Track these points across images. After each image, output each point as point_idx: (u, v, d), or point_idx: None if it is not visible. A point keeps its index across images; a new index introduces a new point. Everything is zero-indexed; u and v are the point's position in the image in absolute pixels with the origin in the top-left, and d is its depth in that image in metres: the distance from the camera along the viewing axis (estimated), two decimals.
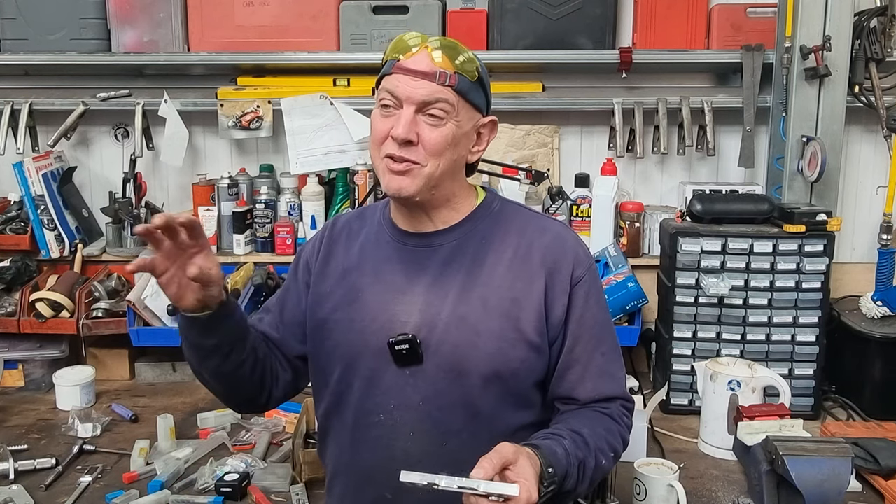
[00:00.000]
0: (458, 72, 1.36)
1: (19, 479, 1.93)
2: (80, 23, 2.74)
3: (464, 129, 1.39)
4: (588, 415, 1.43)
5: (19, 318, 2.54)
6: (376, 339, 1.42)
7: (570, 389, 1.44)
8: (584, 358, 1.43)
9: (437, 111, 1.35)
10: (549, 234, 1.46)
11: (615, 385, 1.47)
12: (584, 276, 1.44)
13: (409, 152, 1.36)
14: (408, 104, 1.35)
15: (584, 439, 1.35)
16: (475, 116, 1.42)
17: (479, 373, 1.39)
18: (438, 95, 1.34)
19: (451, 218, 1.46)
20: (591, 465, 1.34)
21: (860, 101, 2.54)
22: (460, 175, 1.46)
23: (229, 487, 1.84)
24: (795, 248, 2.25)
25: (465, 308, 1.40)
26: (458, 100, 1.36)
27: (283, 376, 1.56)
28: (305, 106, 2.67)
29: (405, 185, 1.38)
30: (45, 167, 2.70)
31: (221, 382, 1.49)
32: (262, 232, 2.72)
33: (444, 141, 1.36)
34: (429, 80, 1.34)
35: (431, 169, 1.37)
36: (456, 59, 1.36)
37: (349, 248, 1.52)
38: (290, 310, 1.57)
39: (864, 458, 1.89)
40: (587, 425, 1.39)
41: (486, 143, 1.47)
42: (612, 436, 1.42)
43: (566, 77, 2.79)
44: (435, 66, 1.35)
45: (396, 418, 1.42)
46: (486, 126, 1.45)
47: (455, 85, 1.35)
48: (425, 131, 1.36)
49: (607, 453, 1.39)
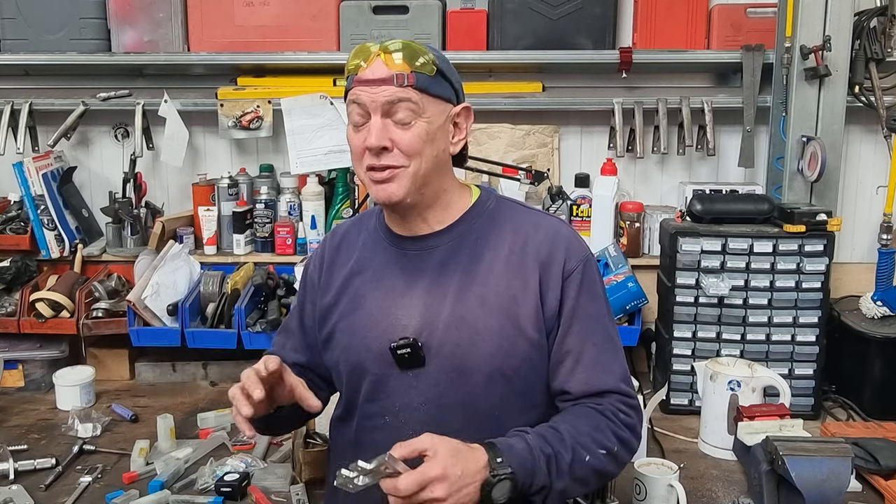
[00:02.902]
0: (414, 70, 1.36)
1: (19, 479, 1.93)
2: (80, 23, 2.75)
3: (436, 123, 1.39)
4: (576, 411, 1.41)
5: (19, 318, 2.54)
6: (379, 344, 1.42)
7: (563, 383, 1.42)
8: (575, 350, 1.42)
9: (403, 114, 1.35)
10: (543, 230, 1.45)
11: (609, 378, 1.42)
12: (577, 268, 1.43)
13: (387, 158, 1.36)
14: (374, 112, 1.36)
15: (557, 433, 1.34)
16: (446, 108, 1.41)
17: (481, 371, 1.39)
18: (400, 95, 1.35)
19: (445, 218, 1.46)
20: (566, 459, 1.31)
21: (860, 101, 2.54)
22: (447, 170, 1.46)
23: (229, 487, 1.84)
24: (795, 248, 2.25)
25: (463, 308, 1.40)
26: (421, 97, 1.36)
27: (321, 395, 1.58)
28: (305, 106, 2.67)
29: (392, 190, 1.38)
30: (45, 167, 2.70)
31: (274, 432, 1.69)
32: (262, 232, 2.72)
33: (419, 139, 1.36)
34: (387, 84, 1.34)
35: (414, 168, 1.37)
36: (411, 59, 1.36)
37: (349, 256, 1.53)
38: (309, 328, 1.59)
39: (864, 458, 1.89)
40: (568, 421, 1.38)
41: (465, 132, 1.46)
42: (601, 433, 1.38)
43: (566, 77, 2.79)
44: (390, 70, 1.35)
45: (401, 420, 1.42)
46: (461, 114, 1.44)
47: (414, 83, 1.35)
48: (397, 135, 1.36)
49: (593, 450, 1.35)
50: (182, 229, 2.74)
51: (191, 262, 2.65)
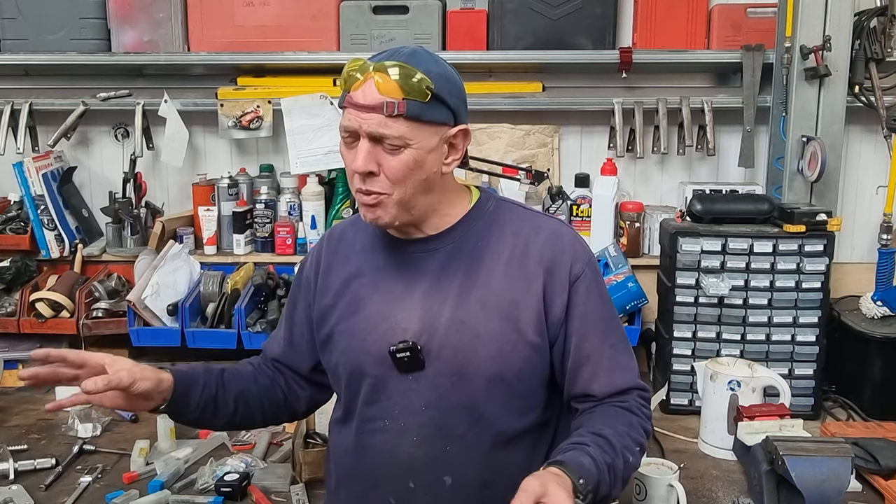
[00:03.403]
0: (406, 97, 1.30)
1: (19, 479, 1.93)
2: (80, 23, 2.75)
3: (426, 148, 1.34)
4: (608, 412, 1.41)
5: (19, 318, 2.54)
6: (378, 348, 1.42)
7: (586, 387, 1.43)
8: (594, 353, 1.42)
9: (391, 142, 1.32)
10: (544, 232, 1.45)
11: (628, 376, 1.44)
12: (584, 272, 1.42)
13: (372, 183, 1.35)
14: (362, 135, 1.33)
15: (608, 441, 1.34)
16: (439, 131, 1.36)
17: (482, 375, 1.39)
18: (384, 131, 1.30)
19: (442, 224, 1.45)
20: (619, 466, 1.33)
21: (860, 101, 2.54)
22: (440, 185, 1.42)
23: (229, 487, 1.84)
24: (795, 248, 2.25)
25: (464, 311, 1.40)
26: (410, 126, 1.31)
27: (301, 393, 1.60)
28: (305, 106, 2.67)
29: (379, 215, 1.38)
30: (45, 167, 2.70)
31: (233, 426, 1.63)
32: (262, 232, 2.72)
33: (405, 168, 1.33)
34: (377, 112, 1.30)
35: (399, 196, 1.36)
36: (405, 82, 1.30)
37: (347, 258, 1.52)
38: (298, 327, 1.59)
39: (864, 458, 1.89)
40: (608, 424, 1.37)
41: (460, 153, 1.42)
42: (635, 430, 1.40)
43: (566, 77, 2.79)
44: (380, 97, 1.30)
45: (401, 423, 1.42)
46: (458, 136, 1.39)
47: (405, 112, 1.30)
48: (385, 160, 1.33)
49: (633, 449, 1.37)
50: (182, 229, 2.74)
51: (191, 262, 2.65)
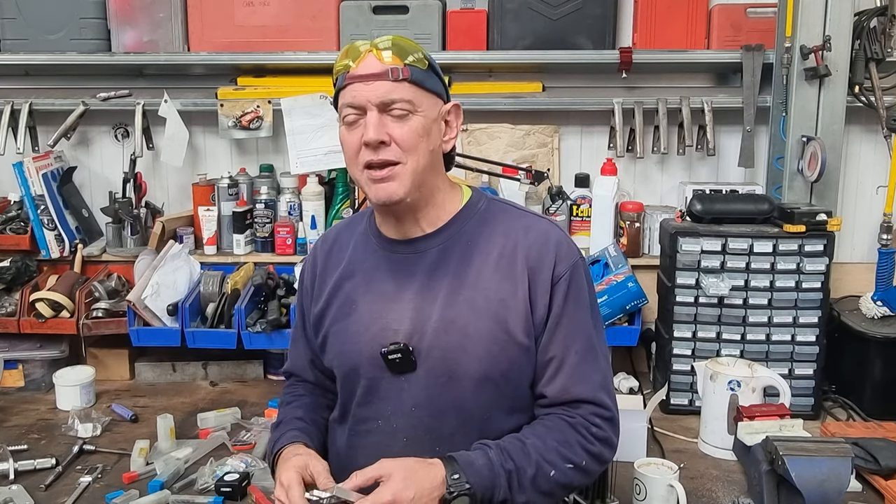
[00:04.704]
0: (408, 64, 1.35)
1: (19, 479, 1.93)
2: (80, 23, 2.75)
3: (430, 117, 1.39)
4: (548, 423, 1.40)
5: (19, 318, 2.54)
6: (370, 349, 1.42)
7: (542, 387, 1.42)
8: (557, 356, 1.41)
9: (399, 109, 1.34)
10: (532, 233, 1.44)
11: (585, 387, 1.41)
12: (565, 274, 1.41)
13: (385, 153, 1.35)
14: (370, 108, 1.34)
15: (523, 448, 1.34)
16: (437, 104, 1.41)
17: (470, 376, 1.39)
18: (395, 95, 1.34)
19: (437, 218, 1.45)
20: (528, 474, 1.32)
21: (860, 101, 2.53)
22: (440, 168, 1.46)
23: (229, 487, 1.84)
24: (795, 248, 2.25)
25: (453, 312, 1.40)
26: (415, 91, 1.36)
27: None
28: (305, 106, 2.67)
29: (393, 189, 1.37)
30: (45, 167, 2.70)
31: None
32: (262, 232, 2.72)
33: (416, 134, 1.36)
34: (382, 79, 1.34)
35: (413, 165, 1.37)
36: (402, 54, 1.36)
37: (340, 260, 1.53)
38: (312, 342, 1.59)
39: (864, 458, 1.89)
40: (538, 435, 1.38)
41: (456, 130, 1.46)
42: (569, 447, 1.37)
43: (566, 77, 2.79)
44: (385, 65, 1.34)
45: (393, 424, 1.43)
46: (452, 112, 1.44)
47: (410, 77, 1.35)
48: (395, 129, 1.35)
49: (559, 465, 1.35)
50: (182, 229, 2.74)
51: (191, 262, 2.65)
